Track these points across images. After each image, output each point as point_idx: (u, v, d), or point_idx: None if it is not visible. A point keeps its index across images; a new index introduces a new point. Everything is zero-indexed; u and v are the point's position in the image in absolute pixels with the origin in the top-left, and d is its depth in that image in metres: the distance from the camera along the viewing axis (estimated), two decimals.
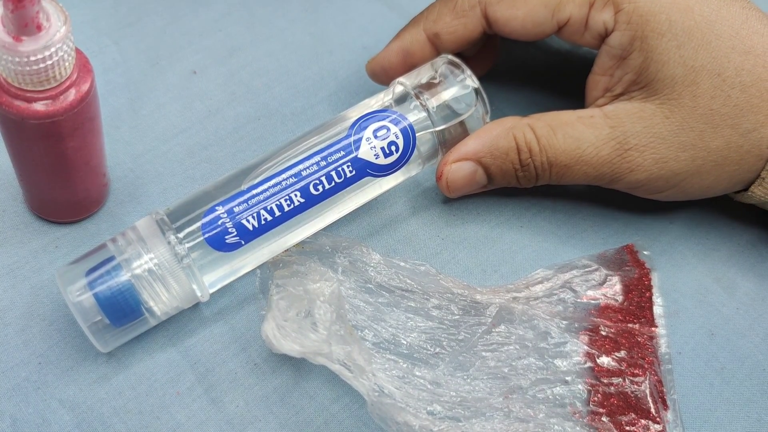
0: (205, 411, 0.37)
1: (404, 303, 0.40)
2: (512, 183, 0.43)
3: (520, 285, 0.41)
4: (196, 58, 0.49)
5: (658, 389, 0.38)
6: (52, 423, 0.36)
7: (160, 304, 0.36)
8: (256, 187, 0.37)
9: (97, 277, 0.35)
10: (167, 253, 0.36)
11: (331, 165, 0.38)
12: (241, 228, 0.37)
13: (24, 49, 0.31)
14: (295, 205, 0.38)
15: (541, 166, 0.41)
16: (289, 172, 0.38)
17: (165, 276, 0.35)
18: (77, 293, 0.35)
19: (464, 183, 0.42)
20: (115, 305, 0.35)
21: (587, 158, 0.41)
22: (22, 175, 0.39)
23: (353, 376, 0.36)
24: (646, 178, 0.41)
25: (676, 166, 0.40)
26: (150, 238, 0.36)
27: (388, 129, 0.40)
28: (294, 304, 0.36)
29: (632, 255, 0.43)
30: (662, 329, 0.41)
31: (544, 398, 0.38)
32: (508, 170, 0.42)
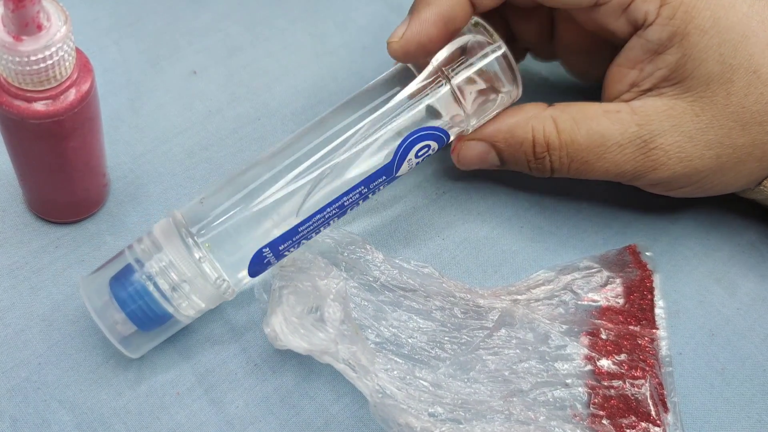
0: (204, 412, 0.37)
1: (406, 303, 0.40)
2: (525, 171, 0.42)
3: (522, 287, 0.41)
4: (197, 58, 0.49)
5: (658, 392, 0.38)
6: (51, 423, 0.36)
7: (186, 308, 0.36)
8: (303, 224, 0.37)
9: (120, 287, 0.35)
10: (188, 258, 0.35)
11: (371, 190, 0.38)
12: (280, 257, 0.38)
13: (24, 48, 0.31)
14: (329, 225, 0.39)
15: (560, 160, 0.40)
16: (334, 205, 0.37)
17: (188, 280, 0.35)
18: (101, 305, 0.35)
19: (475, 160, 0.42)
20: (141, 314, 0.35)
21: (610, 156, 0.40)
22: (22, 175, 0.39)
23: (357, 376, 0.36)
24: (669, 177, 0.40)
25: (700, 164, 0.39)
26: (168, 242, 0.35)
27: (429, 147, 0.39)
28: (302, 300, 0.36)
29: (635, 256, 0.43)
30: (663, 331, 0.41)
31: (544, 401, 0.37)
32: (521, 159, 0.41)
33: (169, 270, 0.35)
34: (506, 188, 0.46)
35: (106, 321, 0.35)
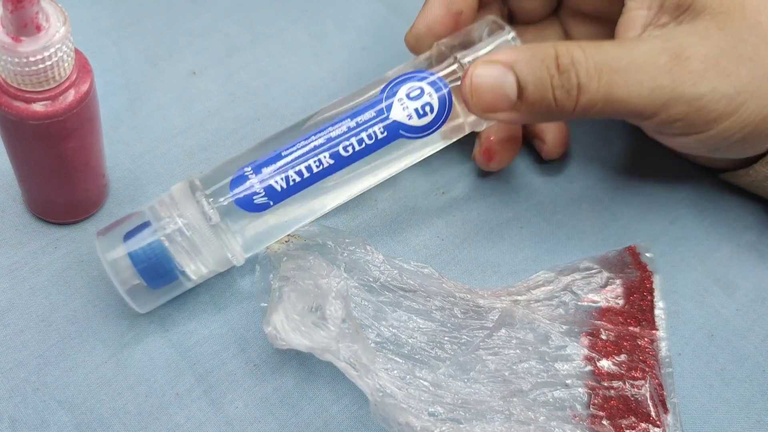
0: (204, 412, 0.37)
1: (406, 303, 0.40)
2: (547, 101, 0.37)
3: (522, 288, 0.41)
4: (196, 58, 0.49)
5: (658, 392, 0.38)
6: (51, 424, 0.36)
7: (193, 266, 0.37)
8: (285, 149, 0.37)
9: (133, 240, 0.36)
10: (196, 214, 0.36)
11: (362, 126, 0.37)
12: (270, 190, 0.37)
13: (23, 49, 0.31)
14: (324, 167, 0.37)
15: (587, 73, 0.36)
16: (319, 134, 0.37)
17: (195, 237, 0.36)
18: (114, 256, 0.36)
19: (490, 88, 0.37)
20: (150, 267, 0.36)
21: (643, 66, 0.36)
22: (22, 175, 0.39)
23: (358, 375, 0.35)
24: (710, 94, 0.37)
25: (737, 82, 0.37)
26: (182, 200, 0.36)
27: (421, 90, 0.38)
28: (303, 298, 0.36)
29: (635, 257, 0.43)
30: (663, 332, 0.40)
31: (544, 401, 0.37)
32: (543, 78, 0.37)
33: (182, 227, 0.36)
34: (506, 189, 0.46)
35: (117, 274, 0.36)
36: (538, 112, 0.38)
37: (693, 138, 0.39)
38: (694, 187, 0.48)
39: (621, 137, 0.49)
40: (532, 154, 0.48)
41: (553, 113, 0.38)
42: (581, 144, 0.49)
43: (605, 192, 0.47)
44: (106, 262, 0.36)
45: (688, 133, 0.39)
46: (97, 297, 0.39)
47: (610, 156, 0.48)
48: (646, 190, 0.47)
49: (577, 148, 0.48)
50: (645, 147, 0.49)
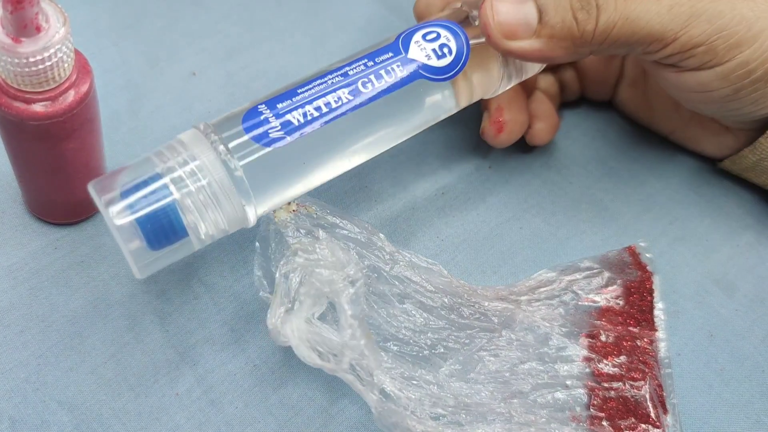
0: (204, 412, 0.37)
1: (415, 297, 0.39)
2: (568, 23, 0.37)
3: (523, 287, 0.41)
4: (196, 59, 0.49)
5: (658, 393, 0.38)
6: (51, 424, 0.36)
7: (207, 223, 0.33)
8: (301, 87, 0.35)
9: (137, 194, 0.31)
10: (215, 161, 0.32)
11: (380, 64, 0.36)
12: (287, 124, 0.34)
13: (23, 50, 0.31)
14: (344, 102, 0.35)
15: None
16: (336, 72, 0.35)
17: (214, 189, 0.32)
18: (117, 213, 0.31)
19: (511, 10, 0.37)
20: (158, 227, 0.31)
21: None
22: (22, 176, 0.39)
23: (365, 388, 0.35)
24: (730, 11, 0.36)
25: (755, 6, 0.37)
26: (195, 146, 0.33)
27: (437, 33, 0.37)
28: (318, 301, 0.35)
29: (634, 257, 0.43)
30: (662, 333, 0.40)
31: (544, 403, 0.37)
32: (563, 1, 0.37)
33: (192, 174, 0.32)
34: (506, 189, 0.46)
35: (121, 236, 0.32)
36: (558, 37, 0.37)
37: (715, 72, 0.38)
38: (694, 187, 0.48)
39: (621, 137, 0.49)
40: (533, 154, 0.48)
41: (574, 38, 0.37)
42: (580, 144, 0.49)
43: (604, 192, 0.47)
44: (107, 217, 0.32)
45: (709, 63, 0.38)
46: (97, 297, 0.39)
47: (609, 156, 0.48)
48: (646, 190, 0.47)
49: (576, 148, 0.48)
50: (645, 147, 0.49)
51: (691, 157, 0.48)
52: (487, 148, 0.47)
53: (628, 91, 0.48)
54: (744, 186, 0.48)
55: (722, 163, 0.47)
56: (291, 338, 0.35)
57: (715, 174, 0.48)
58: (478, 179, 0.46)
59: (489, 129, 0.44)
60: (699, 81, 0.39)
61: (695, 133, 0.46)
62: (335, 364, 0.35)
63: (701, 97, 0.41)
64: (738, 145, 0.45)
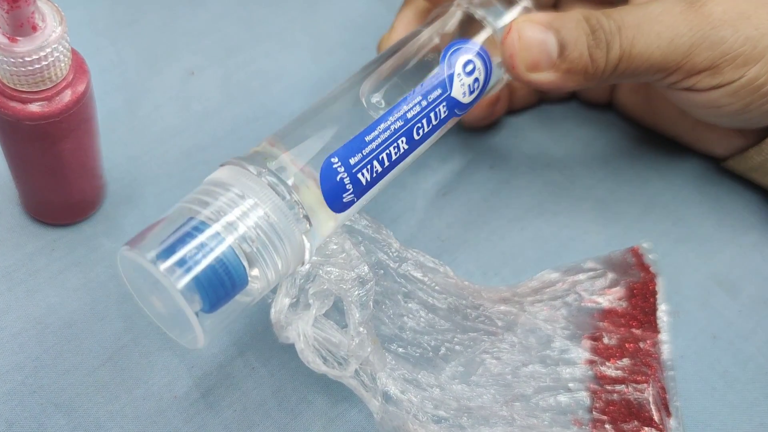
0: (201, 415, 0.37)
1: (420, 295, 0.39)
2: (584, 59, 0.38)
3: (526, 288, 0.41)
4: (194, 58, 0.49)
5: (661, 396, 0.38)
6: (47, 427, 0.36)
7: (269, 272, 0.29)
8: (368, 133, 0.34)
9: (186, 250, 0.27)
10: (274, 199, 0.29)
11: (431, 105, 0.36)
12: (357, 183, 0.33)
13: (19, 49, 0.31)
14: (400, 152, 0.35)
15: (610, 30, 0.38)
16: (396, 114, 0.35)
17: (274, 232, 0.29)
18: (172, 279, 0.27)
19: (537, 44, 0.38)
20: (217, 284, 0.27)
21: (658, 17, 0.37)
22: (18, 176, 0.39)
23: (368, 394, 0.35)
24: (733, 37, 0.37)
25: (758, 22, 0.37)
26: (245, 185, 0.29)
27: (474, 64, 0.37)
28: (326, 300, 0.35)
29: (638, 258, 0.43)
30: (665, 335, 0.40)
31: (547, 406, 0.37)
32: (581, 38, 0.38)
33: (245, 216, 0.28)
34: (507, 190, 0.46)
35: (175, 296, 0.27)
36: (574, 71, 0.39)
37: (725, 90, 0.39)
38: (697, 187, 0.47)
39: (623, 137, 0.49)
40: (534, 154, 0.48)
41: (587, 73, 0.39)
42: (582, 144, 0.48)
43: (607, 192, 0.47)
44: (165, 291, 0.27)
45: (717, 84, 0.39)
46: (94, 299, 0.39)
47: (612, 156, 0.48)
48: (649, 190, 0.47)
49: (578, 147, 0.48)
50: (648, 147, 0.49)
51: (695, 157, 0.48)
52: (488, 148, 0.47)
53: (631, 97, 0.47)
54: (748, 186, 0.47)
55: (726, 162, 0.46)
56: (296, 342, 0.34)
57: (719, 174, 0.48)
58: (479, 180, 0.46)
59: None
60: (709, 99, 0.40)
61: (703, 135, 0.46)
62: (340, 371, 0.35)
63: (712, 111, 0.41)
64: (746, 143, 0.45)
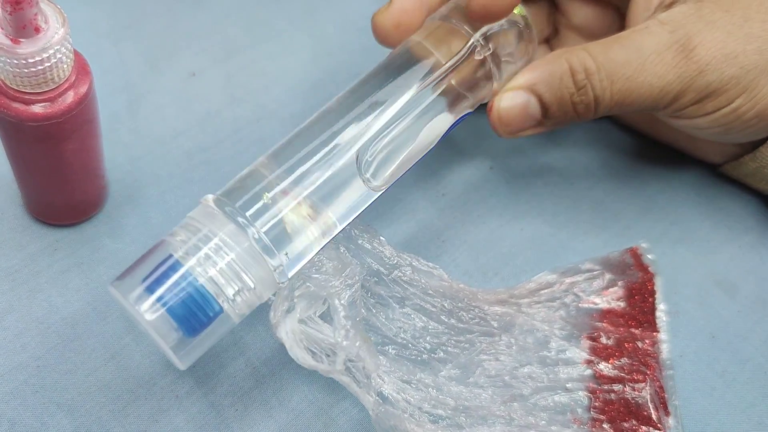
0: (203, 415, 0.37)
1: (414, 301, 0.39)
2: (570, 115, 0.39)
3: (524, 290, 0.41)
4: (195, 60, 0.49)
5: (659, 395, 0.38)
6: (50, 426, 0.36)
7: (238, 297, 0.32)
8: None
9: (160, 286, 0.31)
10: (239, 234, 0.32)
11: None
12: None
13: (22, 51, 0.31)
14: None
15: (601, 84, 0.38)
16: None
17: (242, 262, 0.31)
18: (149, 310, 0.30)
19: (517, 114, 0.39)
20: (190, 314, 0.31)
21: (650, 67, 0.38)
22: (21, 177, 0.39)
23: (361, 390, 0.35)
24: (718, 80, 0.38)
25: (745, 60, 0.38)
26: (212, 224, 0.32)
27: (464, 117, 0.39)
28: (313, 302, 0.36)
29: (636, 258, 0.43)
30: (664, 335, 0.40)
31: (545, 406, 0.37)
32: (564, 97, 0.39)
33: (218, 254, 0.31)
34: (507, 190, 0.46)
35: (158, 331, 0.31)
36: (562, 123, 0.40)
37: (706, 119, 0.40)
38: (695, 188, 0.47)
39: (622, 138, 0.49)
40: (534, 155, 0.48)
41: (575, 121, 0.40)
42: (581, 145, 0.49)
43: (606, 193, 0.47)
44: (144, 323, 0.30)
45: (700, 114, 0.40)
46: (96, 299, 0.39)
47: (611, 157, 0.48)
48: (647, 191, 0.47)
49: (577, 149, 0.48)
50: (646, 148, 0.49)
51: (693, 159, 0.48)
52: (487, 149, 0.47)
53: None
54: (745, 188, 0.48)
55: (722, 167, 0.46)
56: (285, 339, 0.35)
57: (717, 175, 0.48)
58: (478, 180, 0.46)
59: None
60: (692, 124, 0.41)
61: (698, 141, 0.46)
62: (329, 365, 0.35)
63: (696, 132, 0.42)
64: (741, 151, 0.45)
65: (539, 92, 0.39)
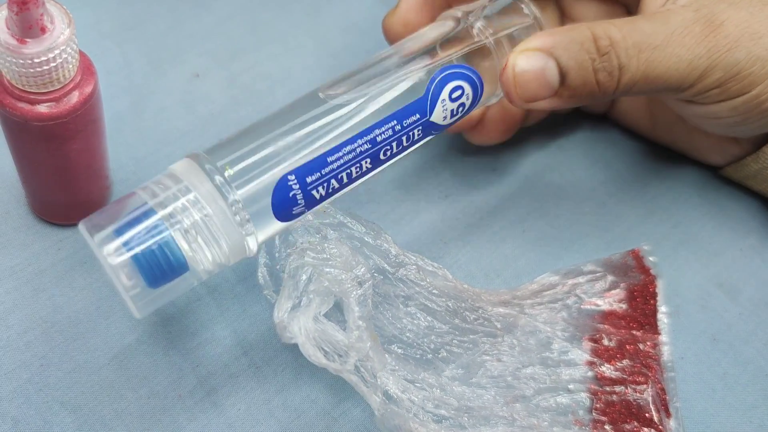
0: (206, 414, 0.37)
1: (419, 300, 0.39)
2: (590, 85, 0.37)
3: (526, 291, 0.41)
4: (199, 61, 0.49)
5: (660, 397, 0.38)
6: (53, 425, 0.36)
7: (204, 261, 0.32)
8: (332, 154, 0.34)
9: (133, 236, 0.30)
10: (214, 194, 0.32)
11: (405, 129, 0.36)
12: (310, 198, 0.34)
13: (28, 51, 0.31)
14: (362, 171, 0.36)
15: (626, 53, 0.36)
16: (365, 137, 0.35)
17: (211, 221, 0.31)
18: (112, 252, 0.30)
19: (533, 78, 0.36)
20: (155, 266, 0.30)
21: (679, 38, 0.36)
22: (25, 177, 0.39)
23: (368, 390, 0.35)
24: (746, 58, 0.37)
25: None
26: (190, 177, 0.32)
27: (462, 90, 0.37)
28: (326, 300, 0.36)
29: (638, 261, 0.43)
30: (665, 337, 0.40)
31: (547, 407, 0.37)
32: (584, 63, 0.36)
33: (189, 209, 0.31)
34: (509, 192, 0.46)
35: (118, 277, 0.31)
36: (579, 95, 0.37)
37: (726, 105, 0.39)
38: (697, 190, 0.48)
39: (624, 140, 0.49)
40: (536, 157, 0.48)
41: (595, 95, 0.37)
42: (584, 147, 0.49)
43: (608, 195, 0.47)
44: (106, 266, 0.31)
45: (721, 99, 0.39)
46: (99, 298, 0.39)
47: (613, 159, 0.48)
48: (649, 193, 0.47)
49: (579, 150, 0.48)
50: (648, 150, 0.49)
51: (695, 161, 0.48)
52: (490, 151, 0.47)
53: (629, 102, 0.48)
54: (747, 190, 0.48)
55: (724, 170, 0.46)
56: (297, 336, 0.35)
57: (719, 177, 0.48)
58: (481, 182, 0.46)
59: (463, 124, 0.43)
60: (711, 111, 0.40)
61: (699, 143, 0.46)
62: (340, 364, 0.35)
63: (712, 122, 0.41)
64: (743, 152, 0.45)
65: (558, 56, 0.36)
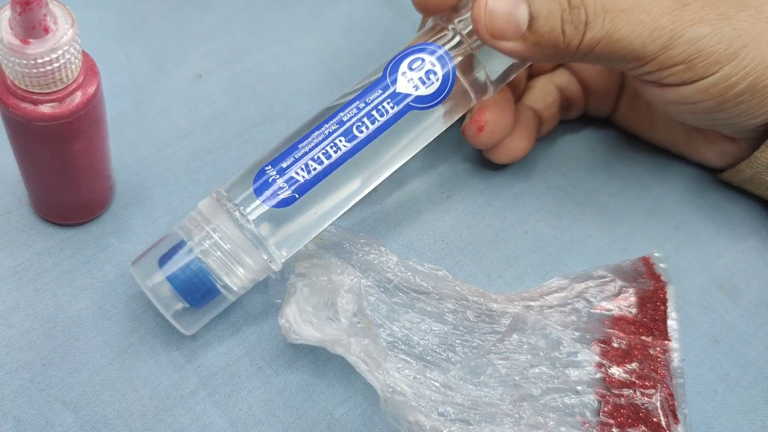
0: (208, 414, 0.37)
1: (419, 305, 0.39)
2: (555, 34, 0.38)
3: (535, 294, 0.41)
4: (202, 61, 0.49)
5: (669, 402, 0.38)
6: (55, 425, 0.36)
7: (234, 278, 0.36)
8: (301, 141, 0.37)
9: (169, 263, 0.36)
10: (230, 224, 0.36)
11: (371, 105, 0.38)
12: (292, 181, 0.37)
13: (31, 51, 0.32)
14: (342, 150, 0.37)
15: (594, 10, 0.38)
16: (332, 120, 0.38)
17: (232, 248, 0.36)
18: (154, 282, 0.36)
19: (503, 14, 0.37)
20: (191, 287, 0.36)
21: (646, 6, 0.38)
22: (28, 177, 0.39)
23: (369, 369, 0.35)
24: (710, 34, 0.38)
25: (737, 24, 0.38)
26: (212, 213, 0.36)
27: (422, 60, 0.38)
28: (317, 293, 0.37)
29: (648, 267, 0.43)
30: (675, 343, 0.40)
31: (554, 407, 0.37)
32: (554, 11, 0.37)
33: (218, 240, 0.36)
34: (511, 193, 0.46)
35: (160, 299, 0.36)
36: (544, 45, 0.38)
37: (696, 86, 0.39)
38: (699, 192, 0.48)
39: (625, 141, 0.49)
40: (538, 158, 0.48)
41: (558, 48, 0.38)
42: (585, 148, 0.49)
43: (609, 197, 0.47)
44: (147, 289, 0.36)
45: (689, 79, 0.39)
46: (102, 298, 0.40)
47: (614, 161, 0.48)
48: (651, 194, 0.47)
49: (581, 151, 0.48)
50: (649, 152, 0.49)
51: (696, 163, 0.48)
52: None
53: (630, 104, 0.48)
54: (748, 192, 0.48)
55: (722, 174, 0.47)
56: (292, 321, 0.36)
57: (720, 179, 0.48)
58: (482, 183, 0.46)
59: (469, 127, 0.43)
60: (680, 95, 0.40)
61: (698, 144, 0.46)
62: (337, 327, 0.36)
63: (685, 109, 0.41)
64: (741, 153, 0.45)
65: (530, 1, 0.38)
